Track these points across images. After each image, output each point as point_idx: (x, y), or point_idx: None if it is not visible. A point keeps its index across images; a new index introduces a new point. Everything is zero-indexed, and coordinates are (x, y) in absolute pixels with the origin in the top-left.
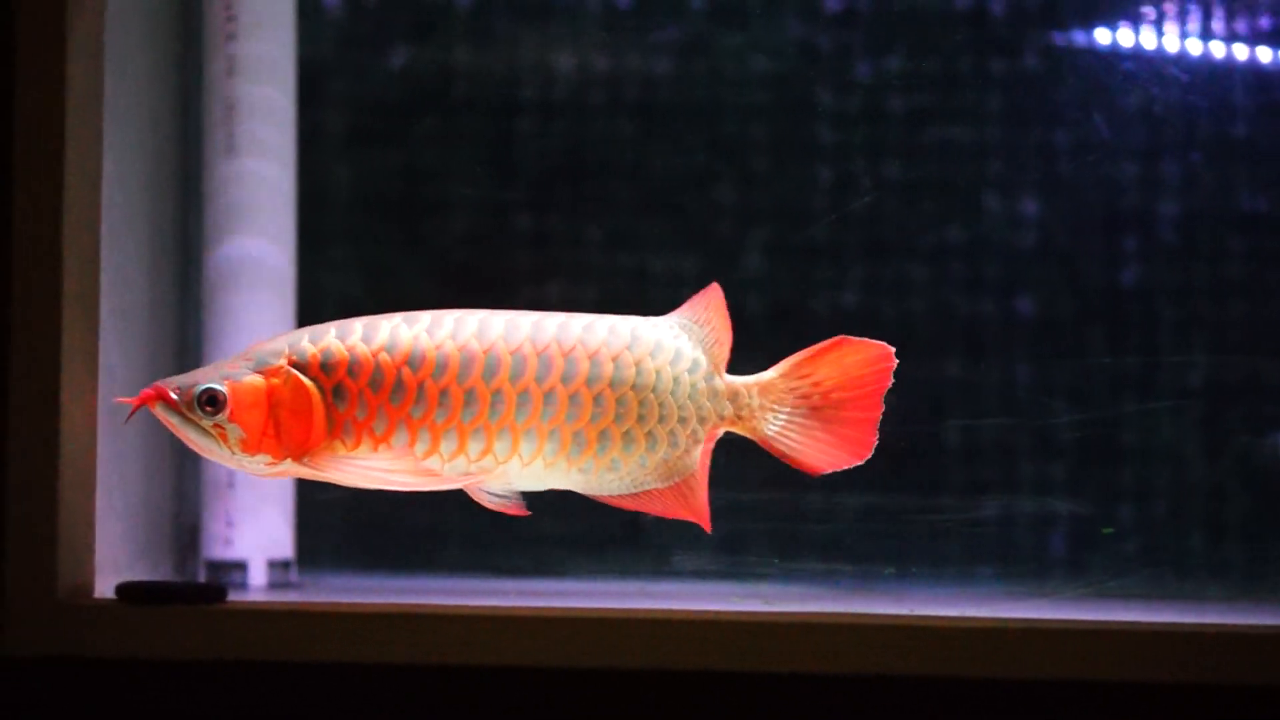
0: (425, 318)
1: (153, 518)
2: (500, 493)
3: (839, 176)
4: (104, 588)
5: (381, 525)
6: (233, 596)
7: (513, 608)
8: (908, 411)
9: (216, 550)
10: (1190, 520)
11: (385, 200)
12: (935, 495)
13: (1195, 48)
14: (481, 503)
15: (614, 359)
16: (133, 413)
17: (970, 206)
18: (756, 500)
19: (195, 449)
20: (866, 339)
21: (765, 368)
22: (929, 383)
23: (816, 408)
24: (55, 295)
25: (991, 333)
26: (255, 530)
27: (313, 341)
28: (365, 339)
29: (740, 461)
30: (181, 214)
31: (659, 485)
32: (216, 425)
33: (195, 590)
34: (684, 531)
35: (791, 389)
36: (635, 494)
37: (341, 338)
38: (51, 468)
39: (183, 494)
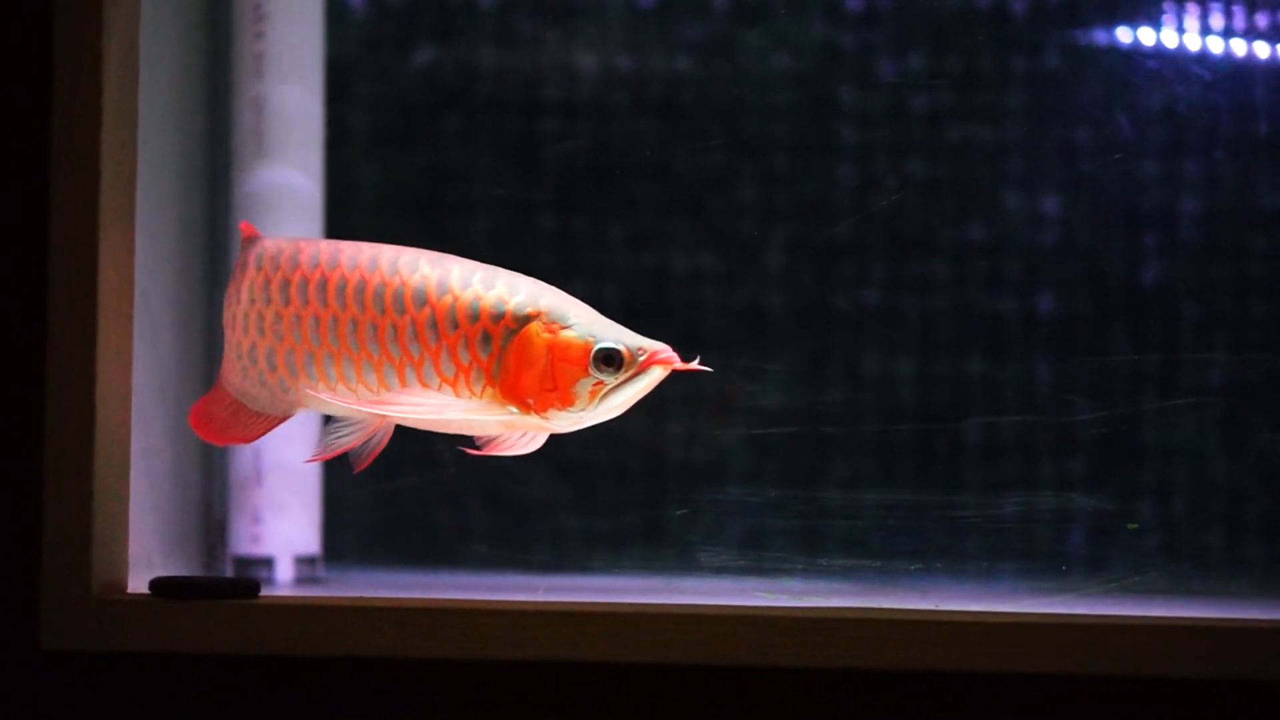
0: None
1: (180, 514)
2: None
3: (860, 176)
4: (136, 584)
5: (407, 521)
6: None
7: (546, 603)
8: (934, 408)
9: (244, 546)
10: (1213, 517)
11: (412, 199)
12: (959, 492)
13: (1218, 45)
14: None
15: None
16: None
17: (991, 205)
18: (780, 497)
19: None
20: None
21: (784, 367)
22: (953, 380)
23: None
24: (91, 294)
25: (1018, 330)
26: (282, 526)
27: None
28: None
29: (762, 459)
30: (209, 212)
31: None
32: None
33: (228, 585)
34: (709, 528)
35: None
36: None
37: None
38: (87, 465)
39: (210, 491)
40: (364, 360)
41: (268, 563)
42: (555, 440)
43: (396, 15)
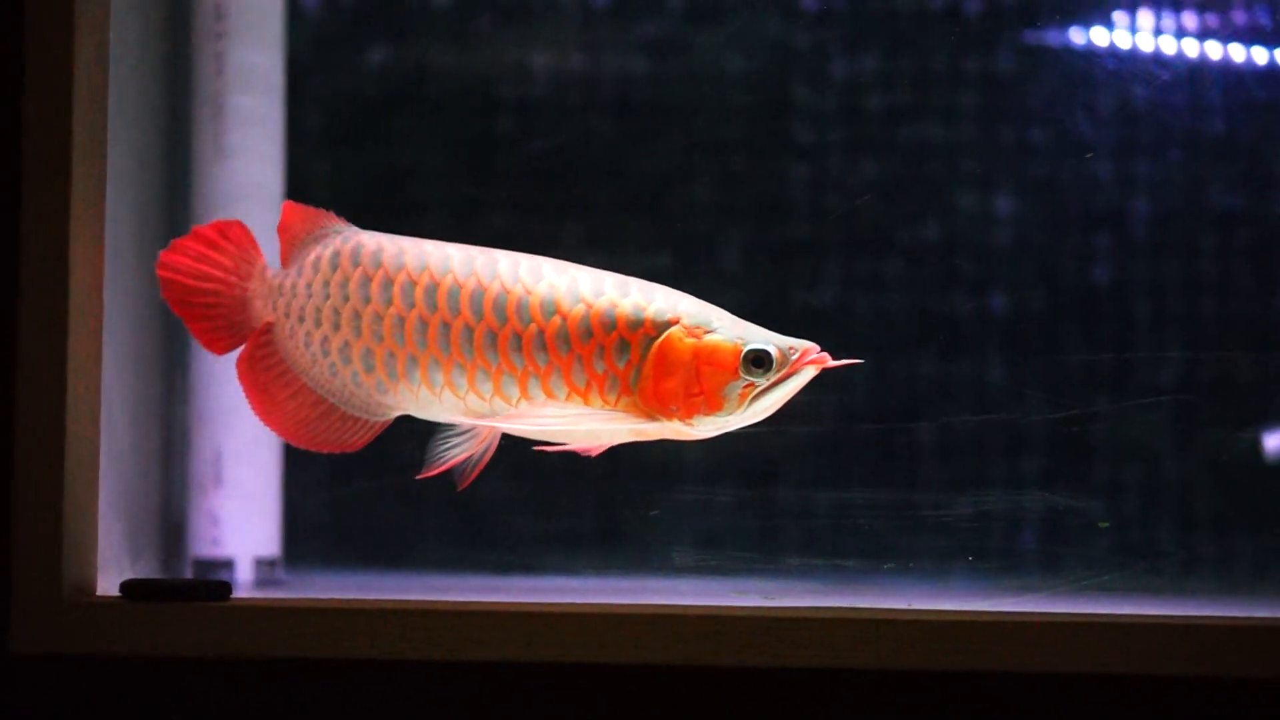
0: None
1: (148, 517)
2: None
3: (817, 175)
4: (106, 586)
5: (366, 523)
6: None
7: (515, 603)
8: (900, 409)
9: (203, 549)
10: (1186, 515)
11: (370, 199)
12: (934, 491)
13: (1173, 45)
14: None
15: None
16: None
17: (950, 204)
18: (752, 496)
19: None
20: None
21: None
22: (919, 380)
23: None
24: (62, 301)
25: (981, 329)
26: (242, 528)
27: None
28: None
29: (736, 458)
30: (168, 213)
31: None
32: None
33: (200, 587)
34: (677, 529)
35: None
36: None
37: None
38: (57, 468)
39: (168, 492)
40: (478, 368)
41: (227, 565)
42: (515, 440)
43: (356, 15)
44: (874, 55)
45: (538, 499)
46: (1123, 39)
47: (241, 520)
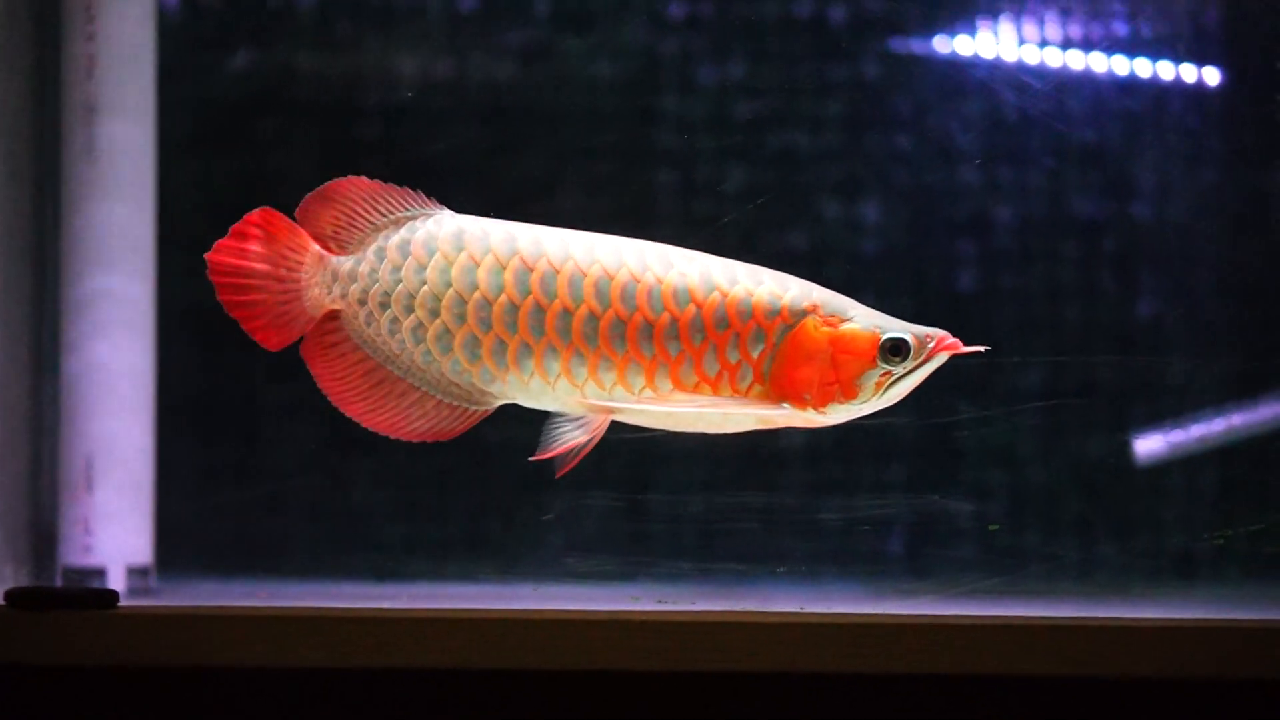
0: None
1: (13, 524)
2: None
3: (685, 181)
4: None
5: (237, 531)
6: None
7: (412, 609)
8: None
9: (75, 556)
10: (1070, 518)
11: (243, 201)
12: (826, 495)
13: (1043, 55)
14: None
15: None
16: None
17: (816, 211)
18: (649, 501)
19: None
20: None
21: None
22: None
23: None
24: None
25: None
26: (114, 536)
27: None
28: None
29: (637, 465)
30: (37, 210)
31: None
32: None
33: (88, 595)
34: (573, 533)
35: None
36: None
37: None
38: None
39: (39, 500)
40: (602, 357)
41: (99, 573)
42: (387, 448)
43: (225, 17)
44: (741, 62)
45: (432, 505)
46: (990, 48)
47: (114, 528)
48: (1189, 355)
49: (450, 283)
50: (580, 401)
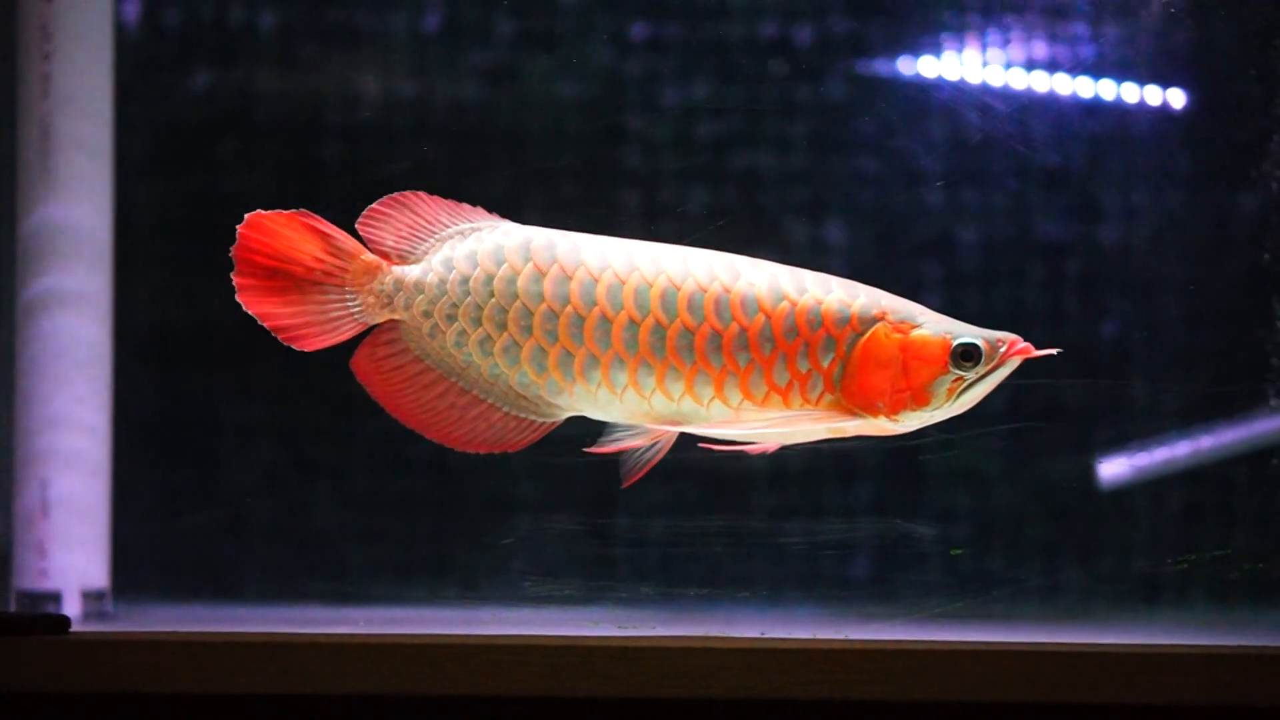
0: None
1: None
2: None
3: (650, 202)
4: None
5: (196, 556)
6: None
7: (369, 635)
8: None
9: (30, 580)
10: (1034, 542)
11: (203, 224)
12: (789, 519)
13: (1007, 77)
14: None
15: None
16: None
17: (781, 233)
18: (610, 525)
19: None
20: None
21: None
22: None
23: None
24: None
25: None
26: (70, 560)
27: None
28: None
29: (598, 486)
30: None
31: None
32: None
33: (39, 621)
34: (532, 557)
35: None
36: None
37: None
38: None
39: None
40: (669, 368)
41: (54, 598)
42: (354, 470)
43: (186, 36)
44: (706, 83)
45: (390, 528)
46: (955, 70)
47: (69, 552)
48: (1153, 378)
49: (517, 294)
50: (648, 415)
